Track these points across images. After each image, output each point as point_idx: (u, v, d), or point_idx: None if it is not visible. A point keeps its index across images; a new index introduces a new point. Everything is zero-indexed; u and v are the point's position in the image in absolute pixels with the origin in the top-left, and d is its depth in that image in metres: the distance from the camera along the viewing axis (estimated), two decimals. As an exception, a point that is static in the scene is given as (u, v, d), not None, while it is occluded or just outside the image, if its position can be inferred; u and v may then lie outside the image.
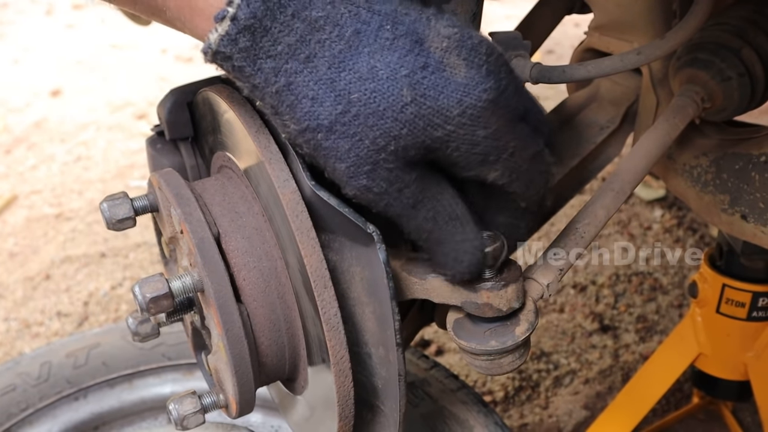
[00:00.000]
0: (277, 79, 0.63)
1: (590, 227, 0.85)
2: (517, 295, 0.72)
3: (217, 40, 0.62)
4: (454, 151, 0.63)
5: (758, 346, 1.53)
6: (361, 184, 0.64)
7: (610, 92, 1.20)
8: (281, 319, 0.80)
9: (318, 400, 0.83)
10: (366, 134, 0.62)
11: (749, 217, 1.08)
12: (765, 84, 1.04)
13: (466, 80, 0.61)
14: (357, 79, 0.61)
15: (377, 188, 0.64)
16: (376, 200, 0.66)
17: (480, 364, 0.76)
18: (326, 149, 0.64)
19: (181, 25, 0.68)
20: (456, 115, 0.61)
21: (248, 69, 0.63)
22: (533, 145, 0.65)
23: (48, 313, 2.32)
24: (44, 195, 2.94)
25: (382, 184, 0.64)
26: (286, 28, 0.62)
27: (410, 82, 0.61)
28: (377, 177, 0.64)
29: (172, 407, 0.82)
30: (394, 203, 0.66)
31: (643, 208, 2.65)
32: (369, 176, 0.64)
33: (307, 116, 0.63)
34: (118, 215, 0.83)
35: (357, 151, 0.63)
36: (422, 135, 0.62)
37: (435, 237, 0.68)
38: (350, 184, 0.65)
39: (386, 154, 0.63)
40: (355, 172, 0.64)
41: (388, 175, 0.64)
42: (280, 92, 0.63)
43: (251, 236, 0.79)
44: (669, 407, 1.90)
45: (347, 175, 0.64)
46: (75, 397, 1.32)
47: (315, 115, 0.63)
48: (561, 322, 2.20)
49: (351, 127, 0.62)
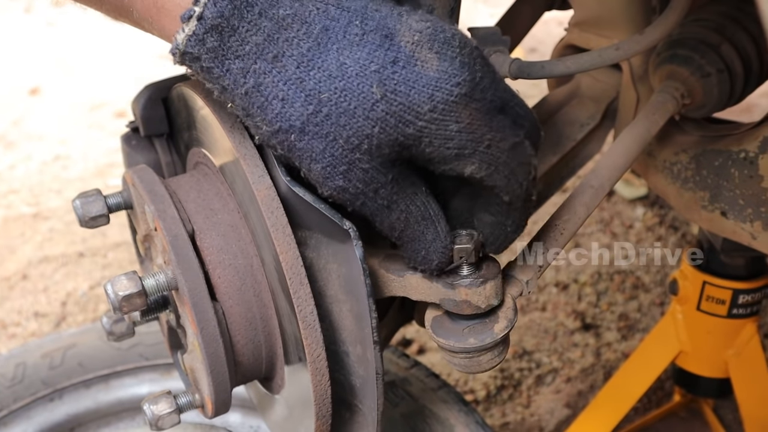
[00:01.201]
0: (246, 80, 0.62)
1: (569, 224, 0.84)
2: (496, 292, 0.72)
3: (184, 40, 0.61)
4: (427, 146, 0.62)
5: (738, 343, 1.53)
6: (337, 185, 0.64)
7: (590, 89, 1.20)
8: (257, 318, 0.78)
9: (296, 400, 0.82)
10: (339, 134, 0.61)
11: (729, 213, 1.08)
12: (744, 80, 1.05)
13: (438, 74, 0.59)
14: (326, 78, 0.60)
15: (353, 189, 0.64)
16: (352, 200, 0.65)
17: (459, 362, 0.75)
18: (300, 150, 0.63)
19: (149, 26, 0.67)
20: (427, 110, 0.60)
21: (216, 70, 0.62)
22: (511, 136, 0.64)
23: (25, 313, 2.29)
24: (22, 194, 2.90)
25: (358, 184, 0.63)
26: (253, 27, 0.61)
27: (380, 78, 0.60)
28: (353, 177, 0.63)
29: (147, 407, 0.80)
30: (369, 203, 0.65)
31: (625, 206, 2.65)
32: (345, 177, 0.63)
33: (278, 118, 0.62)
34: (91, 212, 0.82)
35: (331, 151, 0.62)
36: (394, 132, 0.61)
37: (407, 235, 0.68)
38: (326, 185, 0.64)
39: (360, 153, 0.62)
40: (331, 173, 0.63)
41: (363, 175, 0.63)
42: (249, 94, 0.62)
43: (226, 233, 0.78)
44: (650, 405, 1.90)
45: (323, 176, 0.63)
46: (50, 398, 1.30)
47: (286, 117, 0.62)
48: (543, 320, 2.19)
49: (323, 127, 0.61)
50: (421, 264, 0.69)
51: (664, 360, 1.61)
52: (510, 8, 1.20)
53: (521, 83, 0.91)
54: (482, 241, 0.71)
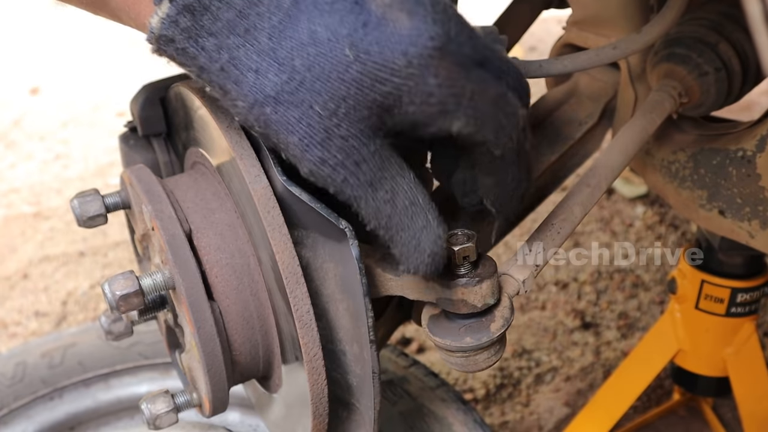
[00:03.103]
0: (220, 56, 0.62)
1: (566, 223, 0.84)
2: (492, 291, 0.72)
3: (158, 23, 0.62)
4: (409, 105, 0.61)
5: (737, 341, 1.53)
6: (315, 156, 0.62)
7: (588, 88, 1.20)
8: (254, 317, 0.79)
9: (293, 399, 0.82)
10: (314, 100, 0.61)
11: (727, 212, 1.08)
12: (742, 79, 1.04)
13: (410, 31, 0.59)
14: (298, 46, 0.60)
15: (332, 160, 0.62)
16: (332, 175, 0.63)
17: (455, 361, 0.75)
18: (276, 123, 0.62)
19: (126, 16, 0.68)
20: (402, 66, 0.59)
21: (191, 50, 0.63)
22: (494, 87, 0.63)
23: (26, 312, 2.29)
24: (23, 194, 2.91)
25: (337, 155, 0.62)
26: (224, 5, 0.61)
27: (351, 41, 0.59)
28: (332, 146, 0.62)
29: (145, 406, 0.81)
30: (350, 179, 0.63)
31: (625, 205, 2.65)
32: (323, 146, 0.62)
33: (253, 90, 0.62)
34: (89, 212, 0.82)
35: (307, 120, 0.61)
36: (371, 92, 0.60)
37: (395, 222, 0.65)
38: (305, 158, 0.63)
39: (338, 119, 0.61)
40: (309, 143, 0.62)
41: (343, 144, 0.62)
42: (224, 68, 0.63)
43: (223, 233, 0.78)
44: (650, 404, 1.90)
45: (301, 147, 0.62)
46: (50, 397, 1.30)
47: (260, 88, 0.62)
48: (543, 319, 2.19)
49: (297, 94, 0.61)
50: (412, 256, 0.66)
51: (663, 359, 1.61)
52: (508, 7, 1.20)
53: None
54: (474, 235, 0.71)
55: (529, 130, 0.69)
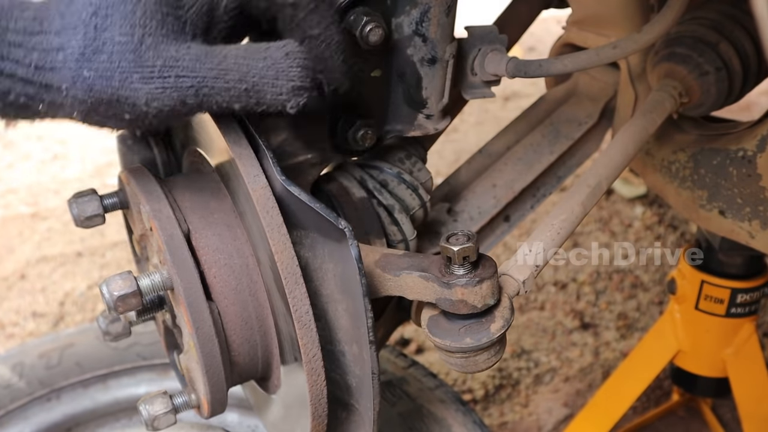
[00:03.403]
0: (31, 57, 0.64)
1: (567, 223, 0.84)
2: (492, 291, 0.71)
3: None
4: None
5: (737, 342, 1.53)
6: (138, 83, 0.64)
7: (588, 87, 1.20)
8: (253, 317, 0.78)
9: (292, 399, 0.82)
10: (115, 32, 0.64)
11: (727, 212, 1.08)
12: (743, 78, 1.04)
13: None
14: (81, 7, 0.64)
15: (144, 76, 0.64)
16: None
17: (455, 362, 0.75)
18: (101, 78, 0.64)
19: None
20: None
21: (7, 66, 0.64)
22: None
23: (23, 313, 2.29)
24: (20, 194, 2.90)
25: (147, 67, 0.64)
26: (19, 11, 0.64)
27: None
28: (147, 59, 0.64)
29: (143, 408, 0.80)
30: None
31: (624, 205, 2.65)
32: (141, 64, 0.64)
33: (67, 64, 0.64)
34: (87, 212, 0.82)
35: (118, 55, 0.64)
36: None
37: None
38: (126, 88, 0.64)
39: (142, 31, 0.64)
40: (136, 69, 0.64)
41: (152, 53, 0.64)
42: (37, 65, 0.64)
43: (222, 233, 0.77)
44: (649, 404, 1.90)
45: (138, 82, 0.64)
46: (48, 398, 1.30)
47: (70, 57, 0.63)
48: (542, 319, 2.19)
49: (100, 39, 0.64)
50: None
51: (663, 359, 1.61)
52: (507, 6, 1.20)
53: (520, 81, 0.91)
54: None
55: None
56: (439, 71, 0.85)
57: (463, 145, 2.98)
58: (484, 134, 2.97)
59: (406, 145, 0.95)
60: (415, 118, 0.88)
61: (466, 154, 1.43)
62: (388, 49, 0.82)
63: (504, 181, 1.08)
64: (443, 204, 1.04)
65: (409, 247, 0.90)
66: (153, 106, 0.65)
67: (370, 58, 0.81)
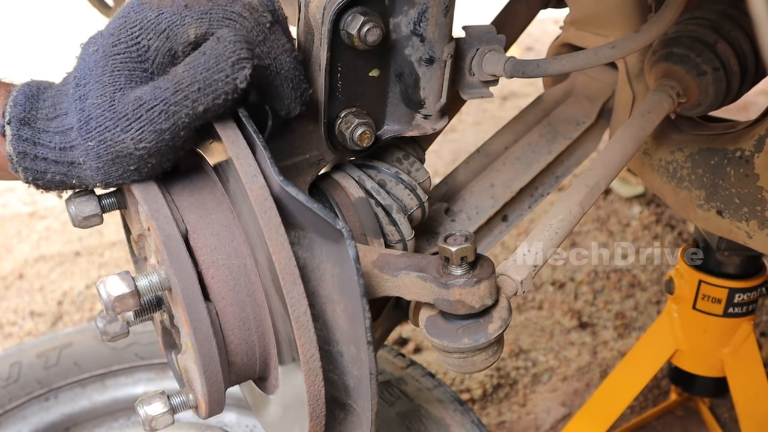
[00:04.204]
0: (55, 141, 0.72)
1: (565, 223, 0.84)
2: (490, 291, 0.71)
3: (10, 146, 0.71)
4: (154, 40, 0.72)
5: (735, 342, 1.53)
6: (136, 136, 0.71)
7: (586, 87, 1.20)
8: (251, 318, 0.78)
9: (290, 400, 0.82)
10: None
11: (725, 212, 1.08)
12: (740, 79, 1.04)
13: None
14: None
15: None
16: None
17: (453, 362, 0.75)
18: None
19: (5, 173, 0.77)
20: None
21: (41, 150, 0.72)
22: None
23: (21, 312, 2.29)
24: (18, 193, 2.90)
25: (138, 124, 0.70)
26: (46, 106, 0.73)
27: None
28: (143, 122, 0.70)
29: (140, 408, 0.80)
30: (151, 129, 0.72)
31: (622, 205, 2.65)
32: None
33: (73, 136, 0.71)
34: (84, 212, 0.82)
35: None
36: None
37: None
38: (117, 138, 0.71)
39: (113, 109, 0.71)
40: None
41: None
42: (62, 147, 0.72)
43: (220, 233, 0.77)
44: (647, 404, 1.90)
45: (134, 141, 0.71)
46: (45, 398, 1.30)
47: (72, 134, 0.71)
48: (540, 319, 2.19)
49: (89, 124, 0.71)
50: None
51: (660, 359, 1.61)
52: (505, 6, 1.20)
53: (517, 81, 0.91)
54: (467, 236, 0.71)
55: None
56: (437, 71, 0.85)
57: (461, 145, 2.99)
58: (482, 134, 2.98)
59: (403, 145, 0.94)
60: (413, 118, 0.88)
61: (464, 153, 1.42)
62: (386, 49, 0.82)
63: (502, 180, 1.08)
64: (441, 204, 1.04)
65: (407, 248, 0.90)
66: (141, 147, 0.70)
67: (369, 58, 0.81)
